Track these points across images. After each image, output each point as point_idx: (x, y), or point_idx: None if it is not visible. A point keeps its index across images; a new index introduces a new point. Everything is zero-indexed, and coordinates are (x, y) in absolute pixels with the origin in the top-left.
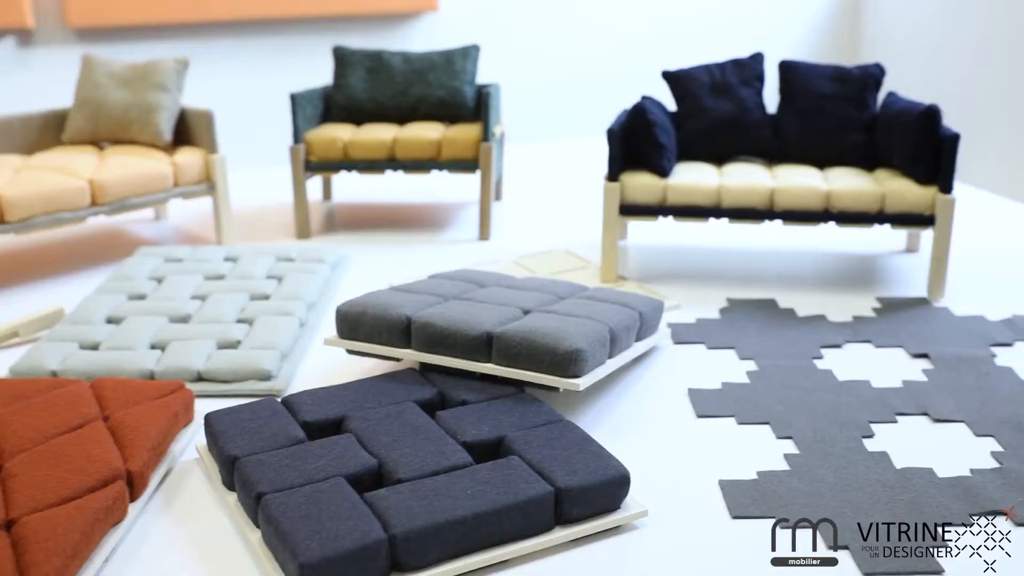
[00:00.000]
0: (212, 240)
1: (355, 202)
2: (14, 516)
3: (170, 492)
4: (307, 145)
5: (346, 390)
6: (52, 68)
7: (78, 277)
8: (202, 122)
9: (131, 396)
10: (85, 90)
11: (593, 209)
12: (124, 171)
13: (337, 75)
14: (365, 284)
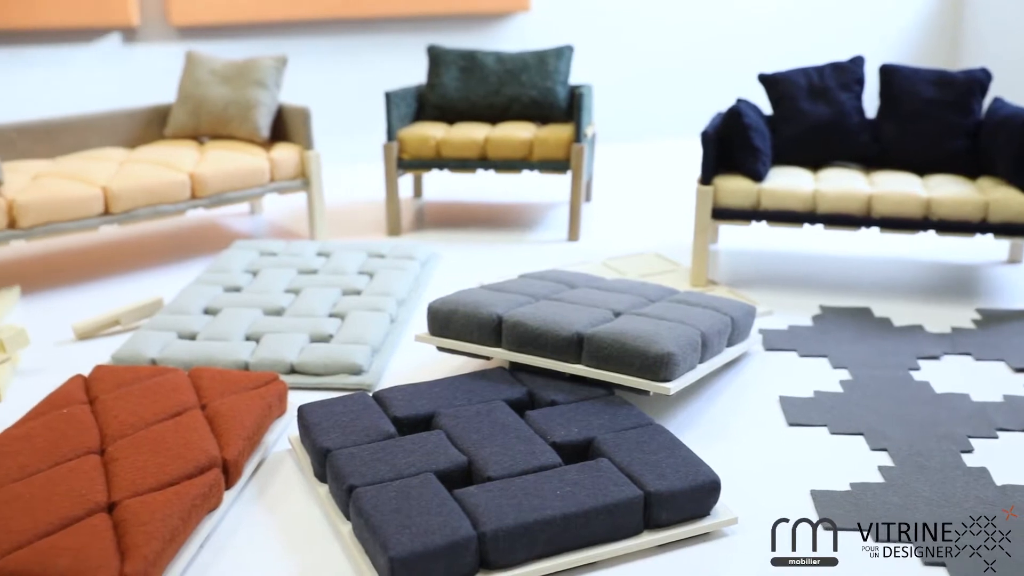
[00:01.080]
0: (305, 235)
1: (445, 200)
2: (116, 499)
3: (263, 481)
4: (400, 143)
5: (436, 387)
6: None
7: (176, 268)
8: (299, 119)
9: (227, 386)
10: (188, 86)
11: (684, 212)
12: (223, 166)
13: (431, 74)
14: (454, 282)
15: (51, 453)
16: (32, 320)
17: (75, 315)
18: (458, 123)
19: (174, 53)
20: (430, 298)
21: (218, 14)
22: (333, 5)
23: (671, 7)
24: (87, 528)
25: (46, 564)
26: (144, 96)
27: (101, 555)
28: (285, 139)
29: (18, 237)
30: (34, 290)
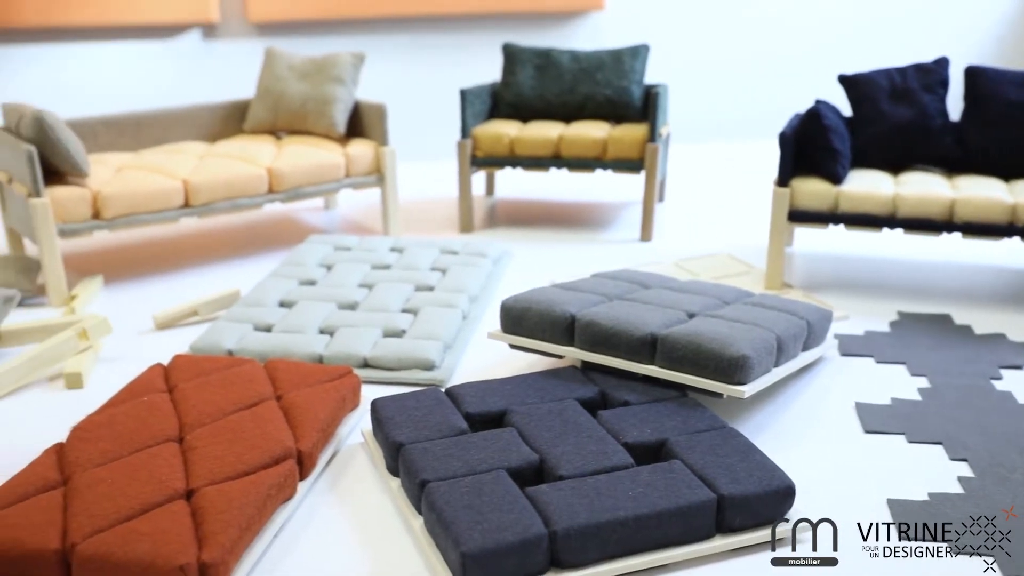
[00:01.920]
0: (378, 230)
1: (517, 198)
2: (194, 487)
3: (336, 473)
4: (474, 140)
5: (508, 384)
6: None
7: (252, 261)
8: (375, 115)
9: (302, 378)
10: (267, 81)
11: (758, 213)
12: (300, 160)
13: (506, 72)
14: (526, 280)
15: (132, 439)
16: (113, 309)
17: (154, 305)
18: (532, 121)
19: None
20: (502, 295)
21: (295, 11)
22: (410, 2)
23: (748, 6)
24: (166, 514)
25: (127, 548)
26: (222, 91)
27: (179, 541)
28: (361, 135)
29: (101, 227)
30: (116, 280)
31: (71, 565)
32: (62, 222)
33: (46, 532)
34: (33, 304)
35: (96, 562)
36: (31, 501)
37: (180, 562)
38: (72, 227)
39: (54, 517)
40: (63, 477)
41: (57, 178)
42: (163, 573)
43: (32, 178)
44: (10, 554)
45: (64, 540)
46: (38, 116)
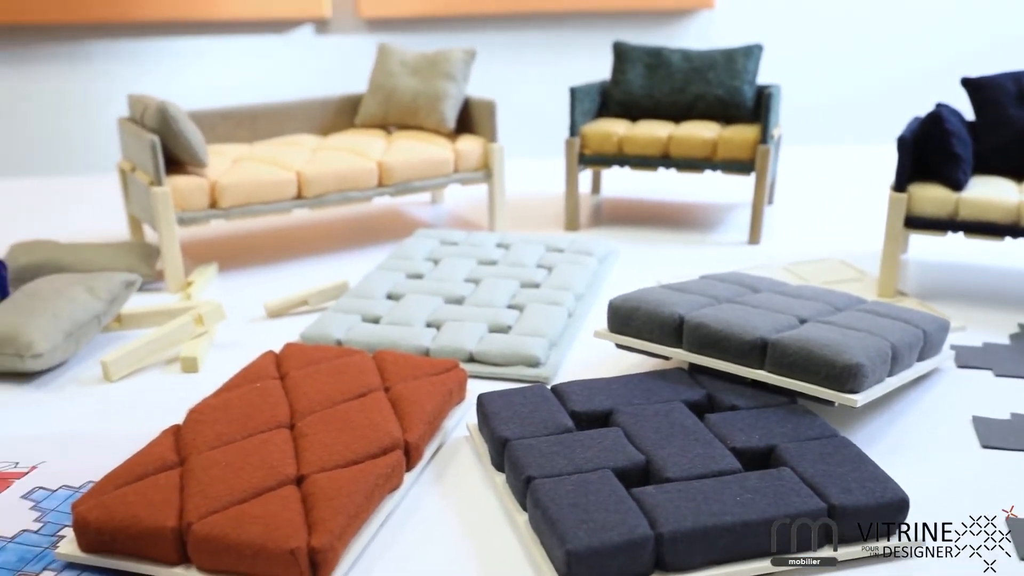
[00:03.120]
0: (484, 226)
1: (623, 197)
2: (304, 473)
3: (441, 466)
4: (582, 139)
5: (614, 383)
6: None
7: (360, 253)
8: (484, 111)
9: (409, 371)
10: (379, 76)
11: (871, 219)
12: (410, 155)
13: (616, 70)
14: (631, 279)
15: (245, 424)
16: (227, 296)
17: (266, 293)
18: (641, 120)
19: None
20: (607, 294)
21: (406, 7)
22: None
23: (864, 5)
24: (278, 499)
25: (240, 530)
26: (332, 85)
27: (290, 526)
28: (470, 131)
29: (218, 216)
30: (229, 268)
31: (187, 543)
32: (181, 210)
33: (163, 511)
34: (151, 289)
35: (210, 542)
36: (149, 480)
37: (291, 546)
38: (190, 215)
39: (171, 496)
40: (180, 458)
41: (177, 168)
42: (274, 556)
43: (154, 167)
44: (129, 530)
45: (180, 519)
46: (162, 107)
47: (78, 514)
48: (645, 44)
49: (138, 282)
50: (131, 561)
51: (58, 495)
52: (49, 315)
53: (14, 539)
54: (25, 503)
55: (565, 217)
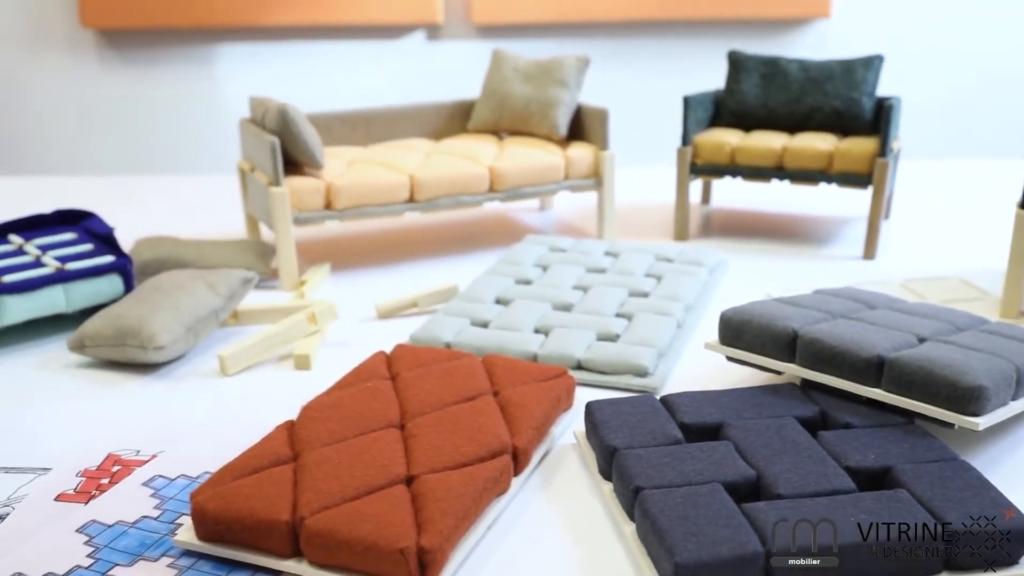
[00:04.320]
0: (592, 233)
1: (733, 208)
2: (414, 473)
3: (548, 472)
4: (694, 148)
5: (724, 396)
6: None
7: (469, 257)
8: (596, 119)
9: (518, 376)
10: (492, 82)
11: (994, 236)
12: (521, 161)
13: (730, 79)
14: (742, 291)
15: (357, 422)
16: (338, 296)
17: (376, 294)
18: (755, 131)
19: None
20: (717, 306)
21: (518, 14)
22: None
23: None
24: (388, 497)
25: (351, 527)
26: (443, 91)
27: (400, 525)
28: (581, 138)
29: (332, 217)
30: (341, 268)
31: (299, 537)
32: (297, 210)
33: (278, 504)
34: (266, 287)
35: (322, 537)
36: (264, 473)
37: (400, 545)
38: (306, 216)
39: (285, 491)
40: (294, 453)
41: (294, 169)
42: (384, 554)
43: (273, 168)
44: (245, 522)
45: (294, 513)
46: (283, 110)
47: (196, 504)
48: (760, 53)
49: (255, 280)
50: (245, 552)
51: (176, 484)
52: (171, 309)
53: (135, 524)
54: (146, 490)
55: (674, 226)
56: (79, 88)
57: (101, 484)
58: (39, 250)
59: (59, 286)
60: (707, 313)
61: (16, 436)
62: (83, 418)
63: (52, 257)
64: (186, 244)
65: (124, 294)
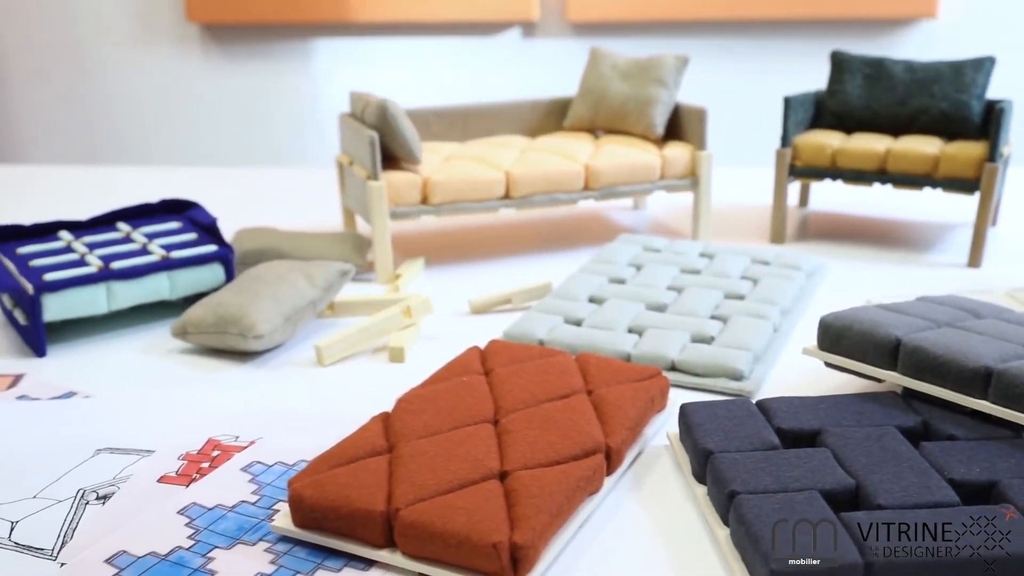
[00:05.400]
0: (686, 234)
1: (831, 211)
2: (507, 469)
3: (640, 473)
4: (794, 150)
5: (822, 403)
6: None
7: (562, 255)
8: (694, 119)
9: (612, 375)
10: (589, 80)
11: None
12: (616, 160)
13: (832, 80)
14: (840, 297)
15: (452, 416)
16: (432, 290)
17: (469, 290)
18: (857, 133)
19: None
20: (814, 310)
21: (615, 11)
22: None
23: None
24: (482, 492)
25: (445, 519)
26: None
27: (494, 520)
28: (678, 138)
29: (428, 212)
30: (435, 263)
31: (393, 528)
32: (394, 205)
33: (373, 494)
34: (361, 279)
35: (416, 528)
36: (360, 464)
37: (494, 540)
38: (402, 210)
39: (380, 481)
40: (389, 444)
41: (392, 163)
42: (477, 548)
43: (372, 162)
44: (340, 510)
45: (389, 504)
46: (383, 105)
47: (293, 491)
48: (864, 54)
49: (352, 272)
50: (339, 540)
51: (274, 470)
52: (271, 299)
53: (233, 508)
54: (244, 475)
55: (771, 229)
56: (183, 81)
57: (202, 468)
58: (146, 238)
59: (164, 274)
60: (804, 318)
61: (122, 418)
62: (184, 403)
63: (158, 245)
64: (285, 235)
65: (225, 283)
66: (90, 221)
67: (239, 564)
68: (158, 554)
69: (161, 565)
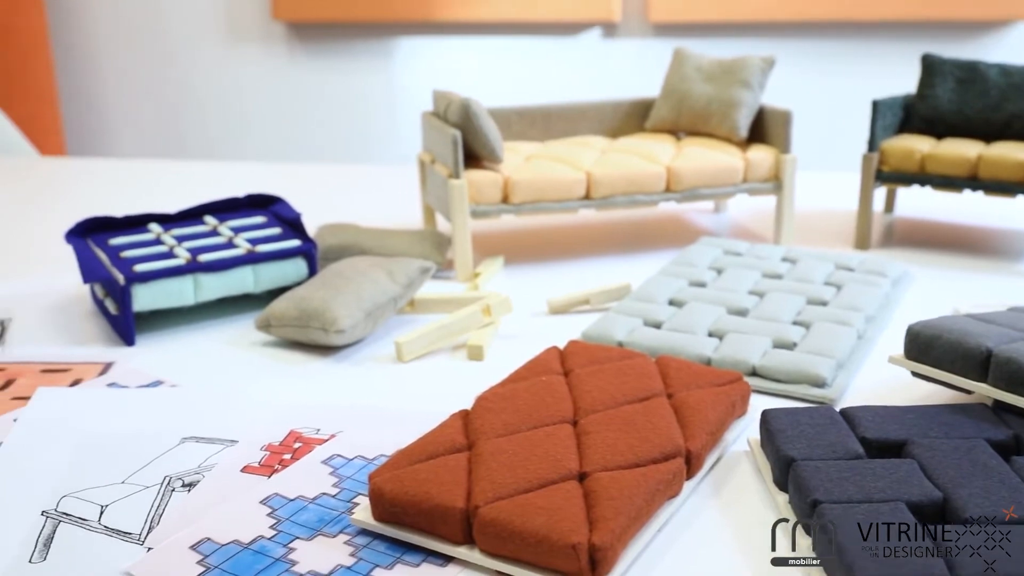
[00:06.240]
0: (767, 238)
1: (918, 217)
2: (586, 470)
3: (720, 479)
4: (881, 154)
5: (909, 413)
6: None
7: (642, 256)
8: (779, 121)
9: (692, 379)
10: (672, 81)
11: None
12: (699, 162)
13: (923, 84)
14: (927, 305)
15: (531, 416)
16: (510, 289)
17: (547, 289)
18: (947, 138)
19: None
20: (899, 319)
21: (698, 12)
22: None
23: None
24: (561, 492)
25: (524, 518)
26: (618, 88)
27: (573, 520)
28: (762, 141)
29: (508, 211)
30: (514, 262)
31: (472, 525)
32: (475, 203)
33: (453, 491)
34: (441, 277)
35: (495, 526)
36: (440, 460)
37: (573, 541)
38: (483, 209)
39: (460, 478)
40: (468, 442)
41: (474, 162)
42: (556, 548)
43: (454, 161)
44: (421, 506)
45: (468, 501)
46: (466, 104)
47: (374, 485)
48: (957, 57)
49: (432, 269)
50: (418, 535)
51: (354, 464)
52: (352, 294)
53: (314, 500)
54: (325, 468)
55: (855, 235)
56: (268, 79)
57: (283, 459)
58: (232, 232)
59: (249, 267)
60: (889, 326)
61: (207, 408)
62: (267, 395)
63: (243, 239)
64: (367, 232)
65: (308, 277)
66: (178, 214)
67: (320, 555)
68: (241, 542)
69: (244, 554)
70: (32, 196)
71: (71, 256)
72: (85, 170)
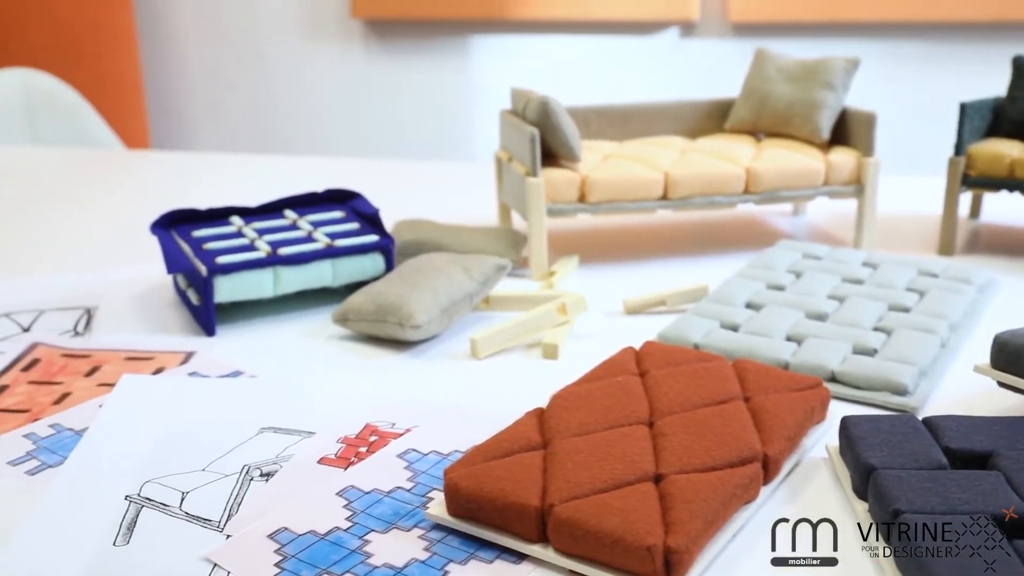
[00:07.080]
0: (847, 242)
1: (1005, 224)
2: (662, 472)
3: (797, 485)
4: (968, 158)
5: (996, 424)
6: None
7: (719, 258)
8: (862, 123)
9: (770, 383)
10: (754, 82)
11: None
12: (779, 164)
13: (1013, 86)
14: (1014, 314)
15: (606, 416)
16: (585, 289)
17: (623, 290)
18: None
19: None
20: (985, 327)
21: (779, 12)
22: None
23: None
24: (636, 493)
25: (599, 518)
26: (696, 88)
27: (648, 522)
28: (844, 143)
29: (585, 210)
30: (589, 261)
31: (547, 523)
32: (551, 202)
33: (528, 489)
34: (516, 275)
35: (570, 526)
36: (515, 458)
37: (648, 543)
38: (559, 207)
39: (535, 476)
40: (543, 440)
41: (551, 160)
42: (631, 549)
43: (531, 159)
44: (496, 503)
45: (543, 499)
46: (544, 102)
47: (450, 480)
48: None
49: (508, 267)
50: (493, 532)
51: (428, 459)
52: (429, 290)
53: (389, 494)
54: (400, 462)
55: (939, 240)
56: (347, 75)
57: (359, 452)
58: (311, 226)
59: (327, 261)
60: (974, 334)
61: (285, 399)
62: (343, 387)
63: (322, 233)
64: (443, 228)
65: (385, 272)
66: (259, 208)
67: (394, 549)
68: (317, 533)
69: (320, 544)
70: (118, 188)
71: (156, 247)
72: (169, 163)
